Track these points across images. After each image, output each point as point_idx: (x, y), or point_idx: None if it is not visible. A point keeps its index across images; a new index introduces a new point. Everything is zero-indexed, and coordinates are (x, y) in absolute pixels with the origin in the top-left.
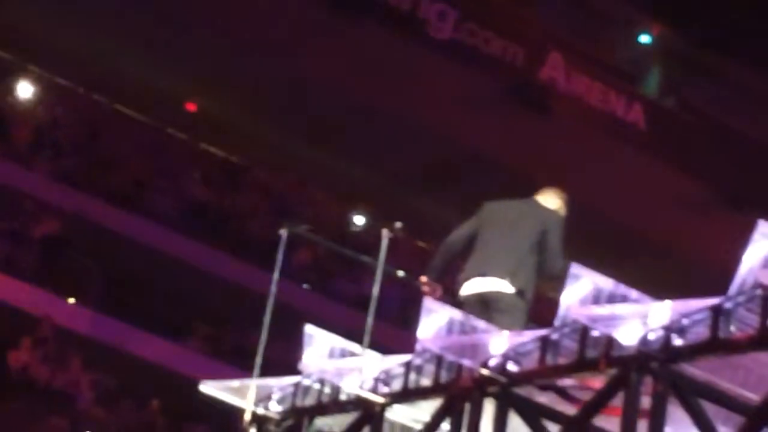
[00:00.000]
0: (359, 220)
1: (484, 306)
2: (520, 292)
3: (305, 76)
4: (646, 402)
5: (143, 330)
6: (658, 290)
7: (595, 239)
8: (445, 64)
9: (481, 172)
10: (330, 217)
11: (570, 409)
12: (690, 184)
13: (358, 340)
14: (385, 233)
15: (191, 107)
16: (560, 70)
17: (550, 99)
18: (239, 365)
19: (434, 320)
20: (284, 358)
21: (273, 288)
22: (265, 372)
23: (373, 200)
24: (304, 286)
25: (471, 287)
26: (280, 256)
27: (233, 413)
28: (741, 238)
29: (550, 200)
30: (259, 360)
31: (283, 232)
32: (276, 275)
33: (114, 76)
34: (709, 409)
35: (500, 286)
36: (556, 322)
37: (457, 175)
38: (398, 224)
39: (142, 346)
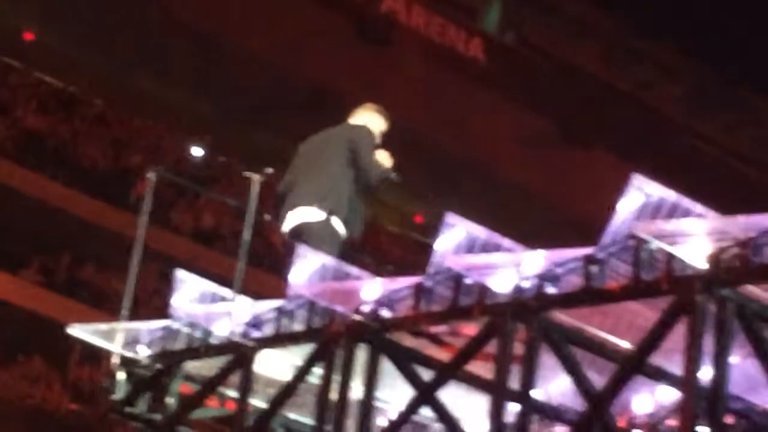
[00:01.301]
0: (197, 151)
1: (299, 238)
2: (330, 214)
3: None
4: (519, 348)
5: None
6: (494, 219)
7: (436, 173)
8: None
9: (321, 104)
10: (167, 148)
11: (443, 356)
12: (530, 120)
13: (197, 270)
14: (256, 178)
15: (29, 36)
16: (401, 3)
17: (391, 32)
18: (74, 296)
19: (306, 265)
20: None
21: (141, 231)
22: (98, 301)
23: (213, 132)
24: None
25: (285, 224)
26: (148, 200)
27: (68, 345)
28: (582, 173)
29: (359, 117)
30: (127, 303)
31: (152, 176)
32: (144, 219)
33: None
34: (580, 354)
35: (308, 214)
36: (430, 270)
37: (298, 107)
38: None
39: None
